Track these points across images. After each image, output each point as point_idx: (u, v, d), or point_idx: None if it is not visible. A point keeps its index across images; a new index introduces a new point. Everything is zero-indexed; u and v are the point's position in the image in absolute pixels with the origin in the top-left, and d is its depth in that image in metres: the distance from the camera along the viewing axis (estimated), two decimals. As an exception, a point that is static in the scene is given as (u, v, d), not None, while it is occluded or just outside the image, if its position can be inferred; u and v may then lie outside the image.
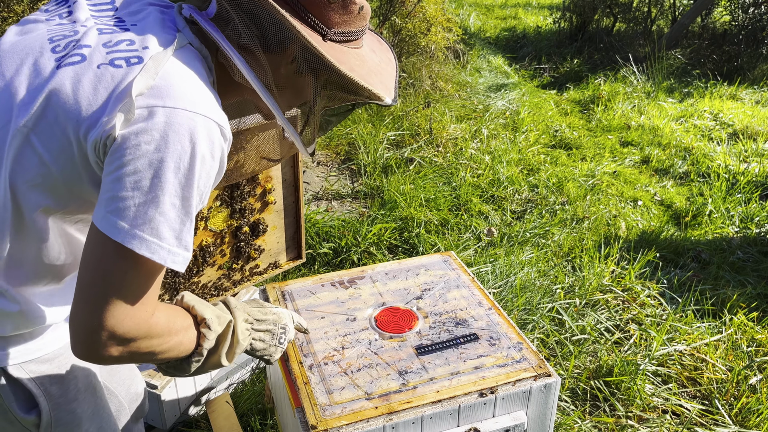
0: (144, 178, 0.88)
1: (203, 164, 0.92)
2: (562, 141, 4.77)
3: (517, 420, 1.38)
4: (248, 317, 1.14)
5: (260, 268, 2.04)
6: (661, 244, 3.25)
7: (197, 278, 1.87)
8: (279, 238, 2.01)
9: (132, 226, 0.87)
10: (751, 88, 6.15)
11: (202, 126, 0.91)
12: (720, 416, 2.12)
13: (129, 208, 0.87)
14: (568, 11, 7.93)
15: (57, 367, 1.12)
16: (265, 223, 1.95)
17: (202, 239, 1.81)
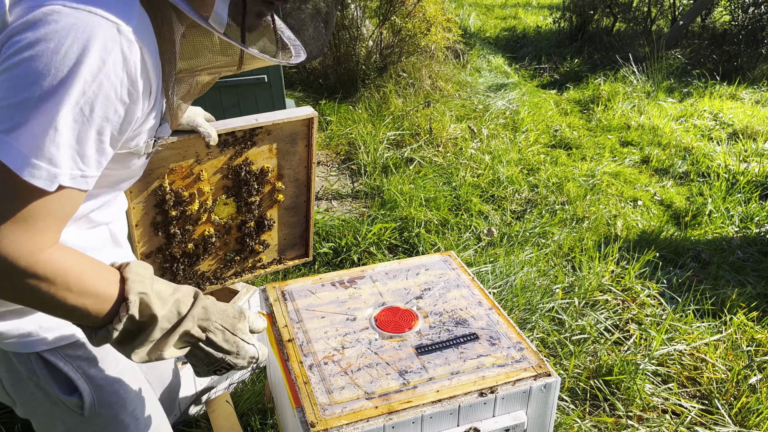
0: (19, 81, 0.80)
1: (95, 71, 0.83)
2: (562, 141, 4.78)
3: (517, 420, 1.38)
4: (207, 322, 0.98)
5: (263, 262, 2.01)
6: (660, 243, 3.25)
7: (197, 266, 1.85)
8: (286, 234, 1.98)
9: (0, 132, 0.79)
10: (751, 88, 6.15)
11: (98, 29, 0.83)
12: (720, 416, 2.12)
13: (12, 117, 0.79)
14: (568, 11, 7.93)
15: (92, 349, 1.12)
16: (271, 219, 1.92)
17: (205, 229, 1.79)
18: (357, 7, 5.66)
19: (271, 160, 1.80)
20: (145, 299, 0.91)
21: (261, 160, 1.78)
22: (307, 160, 1.85)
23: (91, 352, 1.12)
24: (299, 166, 1.86)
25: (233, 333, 1.00)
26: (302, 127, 1.77)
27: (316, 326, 1.55)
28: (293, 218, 1.96)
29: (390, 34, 5.47)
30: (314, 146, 1.83)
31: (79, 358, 1.10)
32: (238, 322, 1.02)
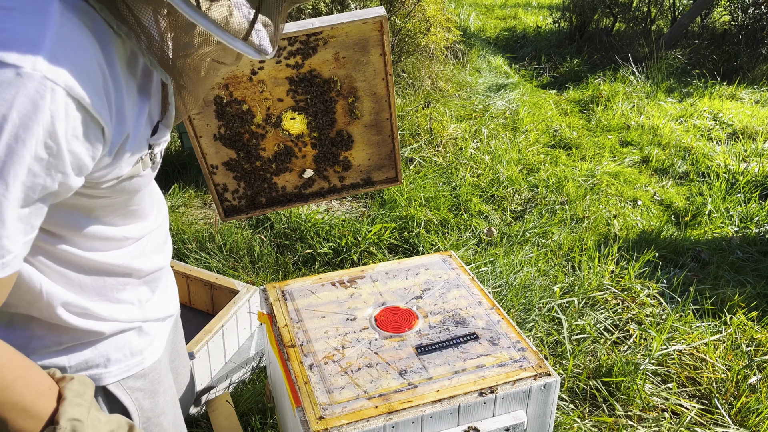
0: None
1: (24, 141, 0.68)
2: (562, 141, 4.78)
3: (516, 419, 1.38)
4: None
5: (347, 182, 1.78)
6: (660, 243, 3.26)
7: (276, 179, 1.68)
8: (370, 155, 1.74)
9: None
10: (751, 88, 6.15)
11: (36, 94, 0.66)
12: (719, 416, 2.13)
13: None
14: (567, 11, 7.93)
15: (151, 382, 1.12)
16: (350, 136, 1.69)
17: (275, 143, 1.61)
18: (357, 7, 5.66)
19: (340, 70, 1.57)
20: (78, 428, 0.76)
21: (328, 71, 1.55)
22: (384, 71, 1.59)
23: (150, 383, 1.11)
24: (375, 78, 1.60)
25: None
26: (373, 31, 1.49)
27: (316, 326, 1.56)
28: (376, 137, 1.72)
29: (390, 35, 5.47)
30: (389, 54, 1.57)
31: (138, 390, 1.09)
32: None
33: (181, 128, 3.43)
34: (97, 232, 0.94)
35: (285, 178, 1.69)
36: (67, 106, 0.69)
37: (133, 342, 1.06)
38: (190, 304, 2.38)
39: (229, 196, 1.69)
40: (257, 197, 1.69)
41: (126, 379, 1.06)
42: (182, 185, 3.60)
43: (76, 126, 0.72)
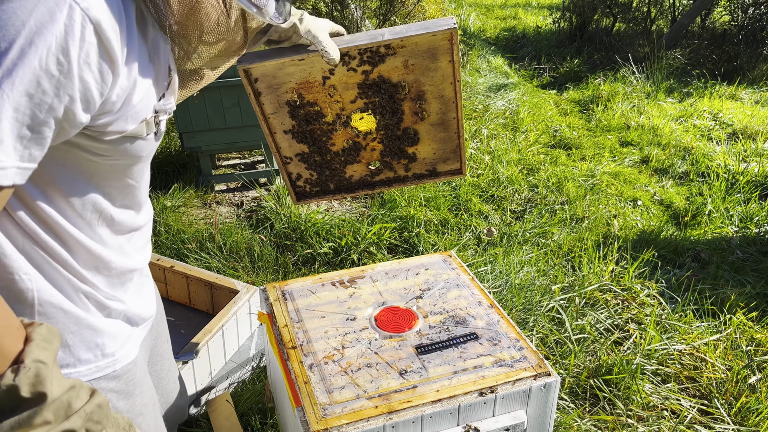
0: None
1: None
2: (562, 141, 4.78)
3: (516, 419, 1.38)
4: (97, 426, 0.81)
5: (413, 172, 1.83)
6: (660, 243, 3.26)
7: (345, 169, 1.76)
8: (436, 149, 1.79)
9: None
10: (751, 88, 6.15)
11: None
12: (719, 415, 2.13)
13: None
14: (567, 11, 7.94)
15: (125, 383, 1.11)
16: (416, 133, 1.74)
17: (344, 139, 1.70)
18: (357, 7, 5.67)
19: (409, 76, 1.62)
20: (43, 371, 0.74)
21: (397, 76, 1.61)
22: (453, 76, 1.63)
23: (124, 385, 1.11)
24: (443, 83, 1.65)
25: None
26: (443, 41, 1.56)
27: (316, 326, 1.56)
28: (442, 134, 1.77)
29: (390, 34, 5.47)
30: (458, 62, 1.61)
31: (112, 391, 1.08)
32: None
33: (182, 128, 3.43)
34: (94, 202, 0.95)
35: (353, 168, 1.76)
36: (83, 28, 0.71)
37: (106, 343, 1.06)
38: (190, 304, 2.38)
39: (301, 183, 1.81)
40: (327, 184, 1.79)
41: (97, 380, 1.05)
42: (182, 185, 3.60)
43: (89, 52, 0.74)
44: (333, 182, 1.78)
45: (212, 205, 3.55)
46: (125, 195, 1.03)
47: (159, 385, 1.45)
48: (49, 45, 0.69)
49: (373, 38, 1.53)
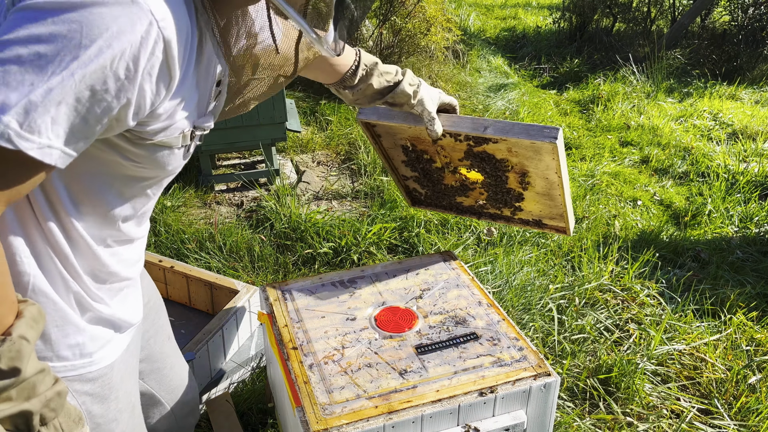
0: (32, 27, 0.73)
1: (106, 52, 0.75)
2: (562, 141, 4.78)
3: (516, 419, 1.38)
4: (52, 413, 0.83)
5: (518, 217, 1.85)
6: (660, 243, 3.26)
7: (454, 198, 1.86)
8: (542, 209, 1.80)
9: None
10: (751, 88, 6.15)
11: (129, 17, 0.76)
12: (719, 415, 2.13)
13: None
14: (567, 11, 7.94)
15: (101, 386, 1.10)
16: (522, 194, 1.76)
17: (454, 180, 1.79)
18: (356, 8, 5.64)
19: (513, 158, 1.64)
20: (24, 348, 0.78)
21: (501, 155, 1.64)
22: (557, 168, 1.63)
23: (99, 388, 1.10)
24: (547, 170, 1.66)
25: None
26: (544, 146, 1.55)
27: (316, 326, 1.56)
28: (548, 201, 1.77)
29: (390, 35, 5.47)
30: (563, 159, 1.60)
31: (86, 394, 1.08)
32: (75, 428, 0.88)
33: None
34: (108, 204, 0.99)
35: (462, 198, 1.88)
36: (156, 43, 0.79)
37: (85, 343, 1.06)
38: (190, 304, 2.38)
39: (416, 194, 1.96)
40: (440, 201, 1.92)
41: (72, 380, 1.05)
42: (182, 185, 3.60)
43: (154, 65, 0.81)
44: (445, 201, 1.91)
45: (212, 205, 3.55)
46: (138, 205, 1.07)
47: (162, 381, 1.45)
48: (123, 50, 0.76)
49: (475, 128, 1.58)
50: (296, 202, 3.41)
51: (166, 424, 1.51)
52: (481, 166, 1.70)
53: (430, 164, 1.79)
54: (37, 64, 0.73)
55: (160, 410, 1.47)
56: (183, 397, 1.53)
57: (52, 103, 0.74)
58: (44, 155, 0.76)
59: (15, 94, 0.72)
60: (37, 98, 0.73)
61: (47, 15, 0.74)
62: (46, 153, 0.76)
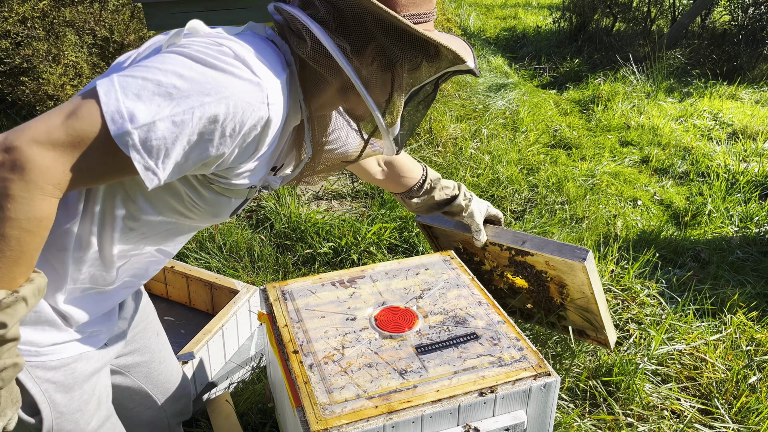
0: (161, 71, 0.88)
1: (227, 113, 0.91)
2: (562, 141, 4.78)
3: (516, 419, 1.38)
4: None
5: (562, 324, 2.08)
6: (660, 243, 3.26)
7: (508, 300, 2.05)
8: (582, 321, 2.01)
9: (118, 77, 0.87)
10: (751, 88, 6.15)
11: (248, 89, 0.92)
12: (719, 415, 2.13)
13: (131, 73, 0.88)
14: (567, 11, 7.93)
15: (64, 375, 1.12)
16: (563, 304, 1.97)
17: (503, 282, 2.00)
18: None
19: (551, 270, 1.84)
20: (18, 310, 0.87)
21: (540, 266, 1.85)
22: (589, 286, 1.78)
23: (62, 377, 1.12)
24: (582, 285, 1.82)
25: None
26: (577, 266, 1.74)
27: (316, 326, 1.56)
28: (587, 314, 1.95)
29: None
30: (596, 282, 1.78)
31: (48, 381, 1.09)
32: (9, 408, 0.93)
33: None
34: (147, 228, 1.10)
35: (512, 301, 2.07)
36: (260, 119, 0.95)
37: (53, 335, 1.09)
38: (190, 304, 2.38)
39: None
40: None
41: (34, 367, 1.07)
42: (182, 185, 3.60)
43: (251, 134, 0.96)
44: (497, 301, 2.01)
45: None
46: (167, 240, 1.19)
47: (150, 375, 1.48)
48: (236, 113, 0.91)
49: (515, 241, 1.83)
50: (296, 202, 3.41)
51: (155, 418, 1.52)
52: (524, 273, 1.91)
53: (480, 266, 2.00)
54: (169, 93, 0.86)
55: (148, 404, 1.49)
56: (173, 392, 1.54)
57: (169, 136, 0.87)
58: (147, 177, 0.88)
59: (144, 111, 0.84)
60: (160, 125, 0.85)
61: (194, 63, 0.89)
62: (150, 176, 0.88)
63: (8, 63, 4.21)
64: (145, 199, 1.05)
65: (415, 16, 1.04)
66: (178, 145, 0.88)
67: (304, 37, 1.00)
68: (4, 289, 0.86)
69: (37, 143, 0.81)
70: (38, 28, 4.36)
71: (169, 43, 0.96)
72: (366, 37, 1.02)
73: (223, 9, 3.13)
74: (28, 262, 0.87)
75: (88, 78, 4.68)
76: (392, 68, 1.06)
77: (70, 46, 4.50)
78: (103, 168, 0.88)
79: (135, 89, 0.85)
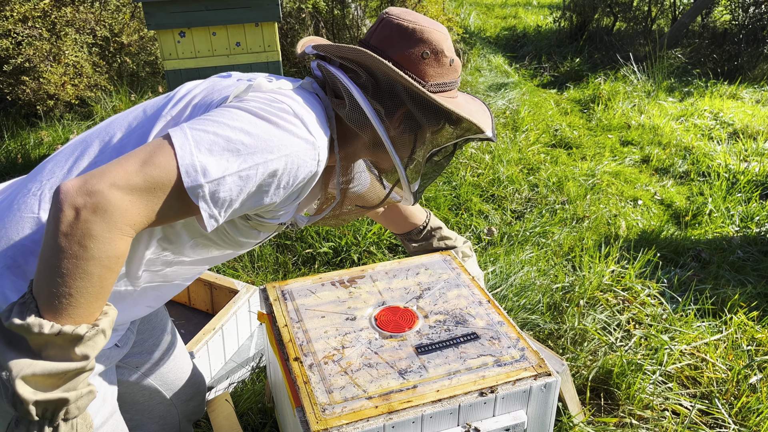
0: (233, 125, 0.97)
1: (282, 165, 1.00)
2: (563, 140, 4.77)
3: (517, 419, 1.38)
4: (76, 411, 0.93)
5: None
6: (661, 243, 3.25)
7: None
8: None
9: (191, 129, 0.95)
10: (752, 88, 6.14)
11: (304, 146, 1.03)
12: (720, 415, 2.12)
13: (203, 127, 0.96)
14: (568, 10, 7.93)
15: None
16: None
17: None
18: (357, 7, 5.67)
19: None
20: (98, 343, 0.91)
21: None
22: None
23: None
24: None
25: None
26: None
27: (316, 326, 1.55)
28: None
29: (390, 34, 5.45)
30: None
31: None
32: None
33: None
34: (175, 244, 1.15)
35: None
36: (308, 175, 1.05)
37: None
38: (190, 304, 2.38)
39: None
40: None
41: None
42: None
43: (296, 185, 1.05)
44: None
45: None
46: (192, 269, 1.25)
47: (160, 373, 1.50)
48: (292, 169, 1.01)
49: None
50: (296, 202, 3.40)
51: (166, 413, 1.52)
52: None
53: None
54: (237, 149, 0.94)
55: (159, 399, 1.49)
56: (184, 389, 1.55)
57: (235, 189, 0.95)
58: (209, 223, 0.96)
59: (215, 167, 0.93)
60: (228, 179, 0.94)
61: (259, 120, 0.99)
62: (212, 223, 0.96)
63: (11, 63, 4.21)
64: (183, 225, 1.12)
65: (441, 85, 1.18)
66: (241, 196, 0.97)
67: (342, 97, 1.12)
68: (86, 323, 0.90)
69: (117, 188, 0.88)
70: (39, 27, 4.36)
71: (235, 96, 1.06)
72: (396, 103, 1.15)
73: (223, 8, 3.12)
74: (105, 296, 0.92)
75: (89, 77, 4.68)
76: (417, 131, 1.19)
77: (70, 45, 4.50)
78: (172, 211, 0.95)
79: (207, 144, 0.93)
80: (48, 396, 0.87)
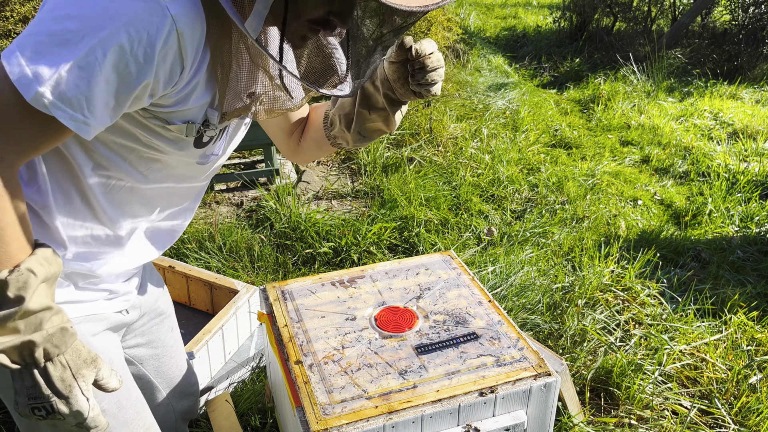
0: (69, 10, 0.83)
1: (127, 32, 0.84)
2: (562, 140, 4.77)
3: (517, 419, 1.38)
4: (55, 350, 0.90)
5: None
6: (661, 243, 3.25)
7: None
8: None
9: (17, 41, 0.84)
10: (751, 88, 6.14)
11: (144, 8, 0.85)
12: (720, 415, 2.12)
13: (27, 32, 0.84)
14: (568, 11, 7.93)
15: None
16: None
17: None
18: (357, 7, 5.63)
19: None
20: (31, 280, 0.87)
21: None
22: None
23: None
24: None
25: (74, 376, 0.92)
26: None
27: (316, 326, 1.55)
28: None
29: (390, 34, 5.45)
30: None
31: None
32: (85, 368, 0.93)
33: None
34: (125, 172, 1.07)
35: None
36: (169, 34, 0.86)
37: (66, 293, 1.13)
38: (190, 303, 2.38)
39: None
40: None
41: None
42: (182, 185, 3.60)
43: (168, 53, 0.88)
44: None
45: (212, 204, 3.55)
46: (160, 197, 1.16)
47: (160, 369, 1.49)
48: (140, 36, 0.84)
49: None
50: (296, 202, 3.40)
51: (163, 411, 1.52)
52: None
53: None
54: (65, 39, 0.82)
55: (156, 397, 1.49)
56: (181, 387, 1.54)
57: (81, 82, 0.83)
58: (79, 129, 0.86)
59: (46, 67, 0.81)
60: (67, 75, 0.82)
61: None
62: (82, 127, 0.86)
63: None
64: (105, 147, 1.03)
65: None
66: (95, 88, 0.84)
67: None
68: (7, 267, 0.86)
69: None
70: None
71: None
72: None
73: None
74: (14, 237, 0.86)
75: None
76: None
77: (70, 45, 4.48)
78: (37, 133, 0.87)
79: (31, 48, 0.82)
80: (9, 343, 0.85)
